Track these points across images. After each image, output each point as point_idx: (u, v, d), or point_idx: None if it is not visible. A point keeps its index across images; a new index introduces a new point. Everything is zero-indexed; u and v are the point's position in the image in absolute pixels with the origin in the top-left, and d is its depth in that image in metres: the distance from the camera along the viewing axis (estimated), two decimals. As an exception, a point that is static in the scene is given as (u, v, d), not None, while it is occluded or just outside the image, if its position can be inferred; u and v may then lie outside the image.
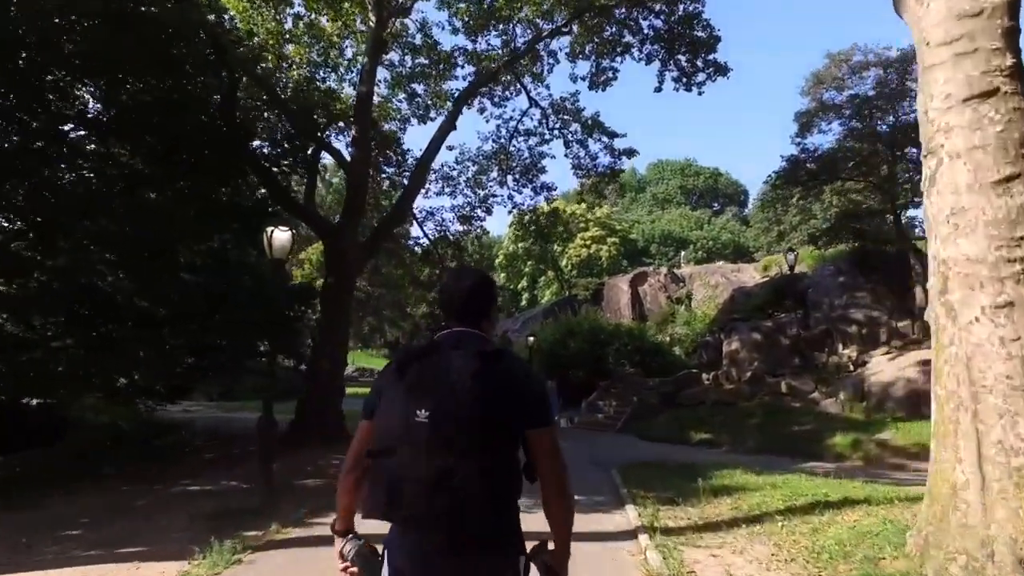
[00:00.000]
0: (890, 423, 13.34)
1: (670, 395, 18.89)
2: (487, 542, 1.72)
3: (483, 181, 23.24)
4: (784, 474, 9.76)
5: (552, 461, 1.83)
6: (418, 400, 1.68)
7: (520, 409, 1.78)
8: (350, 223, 14.85)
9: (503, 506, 1.75)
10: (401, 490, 1.66)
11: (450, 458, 1.64)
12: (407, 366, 1.78)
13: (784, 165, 21.89)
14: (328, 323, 14.13)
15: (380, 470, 1.71)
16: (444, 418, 1.66)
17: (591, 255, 46.49)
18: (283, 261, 7.82)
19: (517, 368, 1.86)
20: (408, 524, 1.72)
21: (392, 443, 1.69)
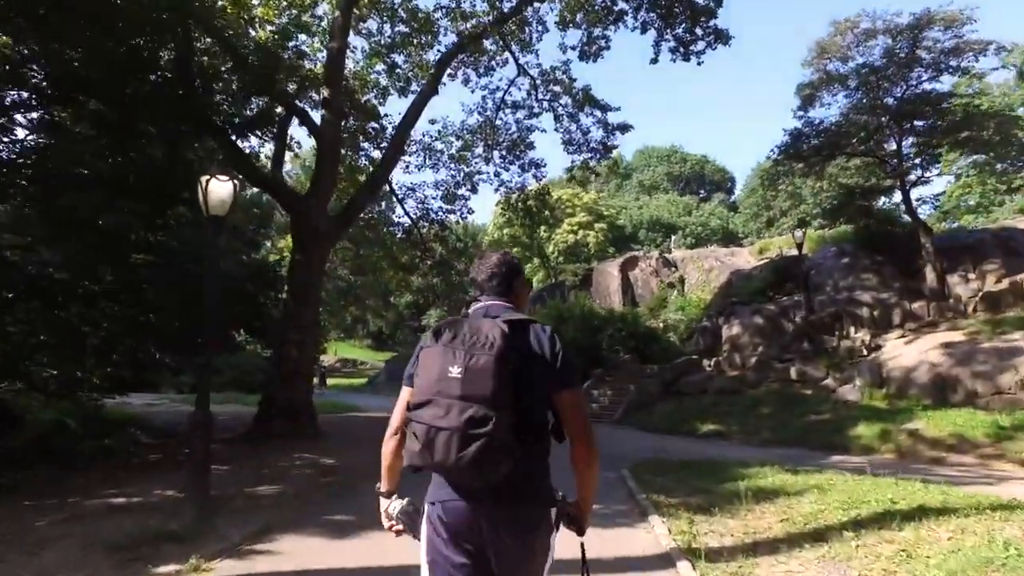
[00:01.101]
0: (917, 411, 12.03)
1: (670, 383, 17.52)
2: (519, 492, 1.89)
3: (468, 157, 21.71)
4: (819, 471, 8.40)
5: (580, 420, 1.98)
6: (452, 358, 1.83)
7: (548, 371, 1.95)
8: (320, 194, 13.21)
9: (533, 460, 1.94)
10: (435, 439, 1.78)
11: (480, 410, 1.76)
12: (443, 331, 1.92)
13: (786, 139, 20.50)
14: (296, 305, 12.51)
15: (416, 421, 1.84)
16: (475, 374, 1.79)
17: (578, 241, 45.02)
18: (222, 219, 6.21)
19: (544, 334, 2.01)
20: (439, 470, 1.88)
21: (428, 396, 1.83)
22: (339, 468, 9.00)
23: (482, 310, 2.10)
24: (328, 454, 10.32)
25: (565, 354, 2.01)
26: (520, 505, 1.90)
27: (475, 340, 1.85)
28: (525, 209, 21.87)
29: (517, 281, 2.23)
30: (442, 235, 20.37)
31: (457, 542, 1.93)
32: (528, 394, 1.88)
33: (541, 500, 1.96)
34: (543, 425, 1.98)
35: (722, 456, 10.56)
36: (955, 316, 15.93)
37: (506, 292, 2.17)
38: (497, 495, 1.85)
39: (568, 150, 20.80)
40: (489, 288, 2.17)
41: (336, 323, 69.10)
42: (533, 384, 1.90)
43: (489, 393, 1.78)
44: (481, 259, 2.28)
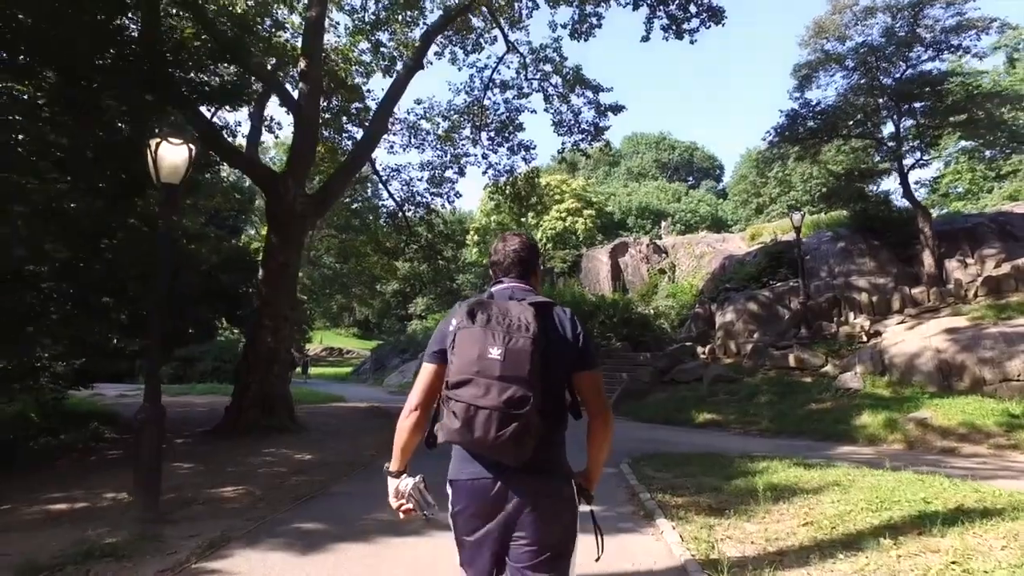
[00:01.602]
0: (923, 399, 11.50)
1: (663, 371, 16.92)
2: (543, 466, 1.96)
3: (455, 139, 20.90)
4: (831, 465, 7.80)
5: (599, 397, 2.10)
6: (492, 339, 1.87)
7: (571, 352, 2.03)
8: (297, 173, 12.37)
9: (555, 436, 2.03)
10: (475, 417, 1.83)
11: (518, 390, 1.82)
12: (476, 312, 1.95)
13: (783, 121, 19.85)
14: (270, 290, 11.71)
15: (455, 399, 1.87)
16: (514, 356, 1.85)
17: (567, 228, 44.31)
18: (176, 188, 5.42)
19: (565, 316, 2.08)
20: (477, 447, 1.90)
21: (468, 375, 1.86)
22: (314, 465, 8.27)
23: (507, 291, 2.14)
24: (304, 449, 9.58)
25: (586, 335, 2.09)
26: (543, 477, 1.98)
27: (509, 322, 1.91)
28: (514, 193, 21.11)
29: (536, 264, 2.30)
30: (428, 219, 19.56)
31: (482, 516, 1.97)
32: (552, 373, 1.95)
33: (560, 473, 2.06)
34: (563, 403, 2.07)
35: (724, 448, 9.94)
36: (956, 301, 15.43)
37: (527, 275, 2.24)
38: (523, 469, 1.91)
39: (559, 132, 20.06)
40: (512, 270, 2.23)
41: (322, 311, 68.18)
42: (557, 364, 1.98)
43: (527, 374, 1.84)
44: (504, 242, 2.30)
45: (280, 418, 11.30)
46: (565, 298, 21.98)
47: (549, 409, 1.94)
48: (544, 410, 1.89)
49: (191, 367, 27.86)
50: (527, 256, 2.26)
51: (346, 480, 7.30)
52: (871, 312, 16.13)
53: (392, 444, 2.12)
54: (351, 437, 11.34)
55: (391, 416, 15.46)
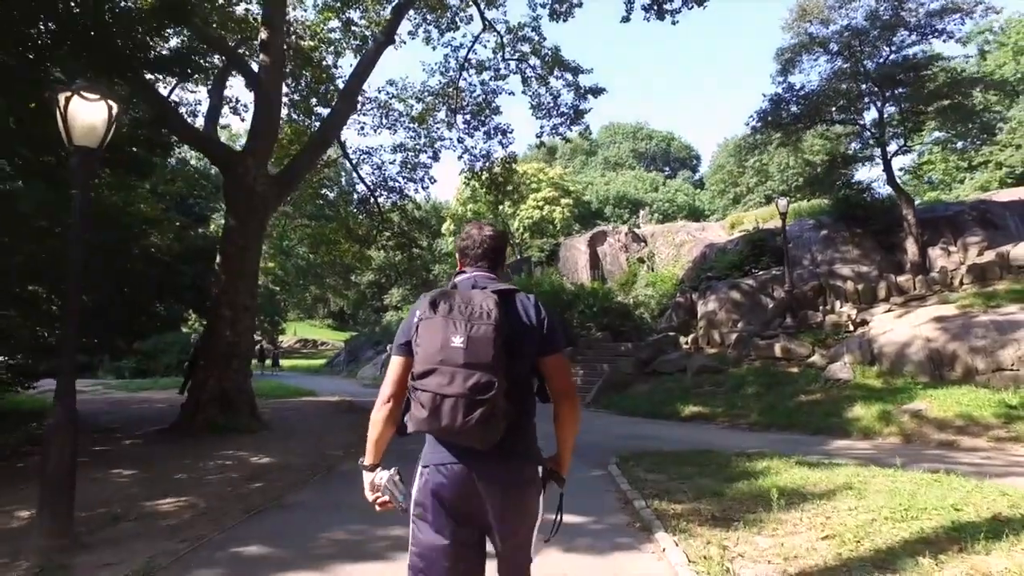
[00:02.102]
0: (916, 390, 11.04)
1: (646, 361, 16.33)
2: (513, 450, 1.98)
3: (428, 121, 20.00)
4: (833, 462, 7.23)
5: (566, 379, 2.14)
6: (454, 328, 1.89)
7: (535, 337, 2.05)
8: (258, 151, 11.44)
9: (524, 421, 2.05)
10: (440, 405, 1.84)
11: (483, 377, 1.84)
12: (438, 302, 1.96)
13: (766, 105, 19.33)
14: (229, 277, 10.79)
15: (421, 389, 1.88)
16: (476, 343, 1.87)
17: (544, 217, 43.58)
18: (93, 153, 4.55)
19: (528, 302, 2.11)
20: (445, 434, 1.92)
21: (432, 365, 1.88)
22: (272, 469, 7.45)
23: (470, 281, 2.17)
24: (264, 450, 8.74)
25: (550, 319, 2.12)
26: (513, 461, 2.01)
27: (471, 311, 1.93)
28: (491, 179, 20.29)
29: (503, 254, 2.34)
30: (400, 204, 18.67)
31: (450, 501, 1.98)
32: (518, 359, 1.99)
33: (531, 457, 2.11)
34: (530, 387, 2.11)
35: (715, 443, 9.35)
36: (942, 289, 15.07)
37: (495, 266, 2.26)
38: (493, 454, 1.93)
39: (537, 115, 19.32)
40: (480, 260, 2.24)
41: (295, 303, 66.69)
42: (522, 350, 2.01)
43: (490, 360, 1.87)
44: (479, 229, 2.31)
45: (240, 416, 10.43)
46: (543, 287, 21.31)
47: (516, 395, 1.97)
48: (511, 396, 1.92)
49: (155, 360, 26.62)
50: (500, 246, 2.29)
51: (305, 487, 6.50)
52: (857, 301, 15.72)
53: (365, 440, 2.13)
54: (317, 436, 10.52)
55: (362, 411, 14.62)
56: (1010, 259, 14.98)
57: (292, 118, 18.13)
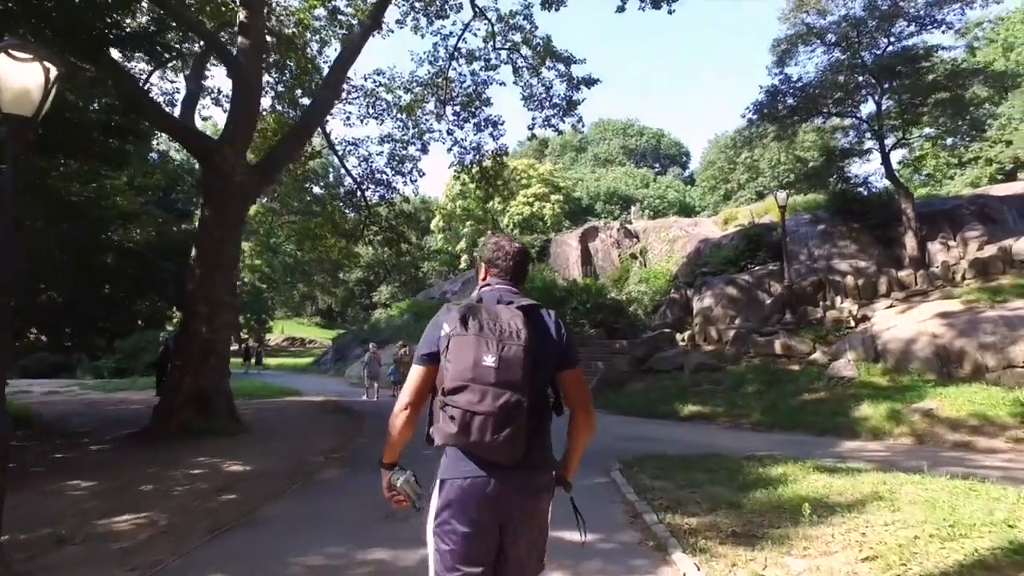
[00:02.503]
0: (926, 388, 10.60)
1: (641, 359, 15.82)
2: (532, 461, 2.04)
3: (416, 113, 19.36)
4: (852, 467, 6.72)
5: (583, 392, 2.21)
6: (486, 348, 1.94)
7: (557, 353, 2.12)
8: (237, 140, 10.77)
9: (542, 432, 2.10)
10: (471, 421, 1.91)
11: (513, 396, 1.91)
12: (468, 319, 2.01)
13: (762, 98, 18.86)
14: (205, 271, 10.13)
15: (452, 405, 1.94)
16: (508, 364, 1.93)
17: (533, 213, 43.03)
18: (28, 120, 3.92)
19: (550, 319, 2.18)
20: (474, 449, 1.96)
21: (463, 382, 1.93)
22: (248, 477, 6.83)
23: (495, 295, 2.20)
24: (241, 455, 8.12)
25: (570, 335, 2.22)
26: (534, 472, 2.06)
27: (501, 329, 1.98)
28: (481, 172, 19.66)
29: (527, 269, 2.38)
30: (388, 197, 18.01)
31: (468, 513, 2.01)
32: (540, 374, 2.04)
33: (546, 467, 2.14)
34: (547, 400, 2.15)
35: (718, 445, 8.84)
36: (944, 284, 14.68)
37: (519, 280, 2.30)
38: (514, 466, 1.98)
39: (529, 106, 18.71)
40: (507, 273, 2.27)
41: (283, 300, 65.74)
42: (544, 364, 2.07)
43: (520, 380, 1.93)
44: (509, 243, 2.34)
45: (218, 418, 9.78)
46: (535, 283, 20.75)
47: (536, 407, 2.02)
48: (531, 408, 1.97)
49: (135, 360, 25.78)
50: (527, 262, 2.34)
51: (282, 498, 5.89)
52: (857, 296, 15.29)
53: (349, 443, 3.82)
54: (300, 438, 9.90)
55: (348, 413, 14.01)
56: (1012, 253, 14.61)
57: (277, 109, 17.45)
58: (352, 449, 8.95)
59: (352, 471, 7.33)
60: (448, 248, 51.28)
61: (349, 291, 72.30)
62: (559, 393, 2.18)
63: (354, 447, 9.16)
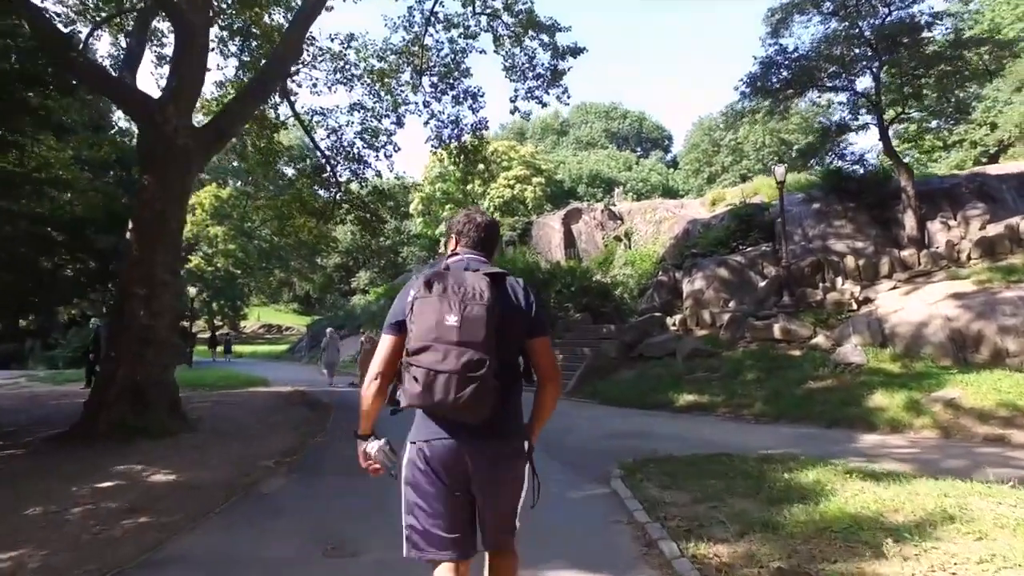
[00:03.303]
0: (943, 376, 9.67)
1: (631, 345, 14.77)
2: (502, 427, 2.08)
3: (391, 85, 17.99)
4: (896, 472, 5.69)
5: (550, 361, 2.24)
6: (448, 308, 1.96)
7: (524, 320, 2.15)
8: (180, 98, 9.40)
9: (512, 399, 2.13)
10: (435, 380, 1.92)
11: (475, 355, 1.92)
12: (433, 282, 2.03)
13: (756, 69, 17.77)
14: (143, 247, 8.80)
15: (415, 365, 1.95)
16: (470, 323, 1.94)
17: (515, 196, 41.81)
18: None
19: (519, 286, 2.21)
20: (438, 409, 1.98)
21: (427, 342, 1.95)
22: (173, 491, 5.61)
23: (462, 263, 2.22)
24: (174, 461, 6.88)
25: (538, 303, 2.23)
26: (502, 438, 2.10)
27: (465, 291, 1.99)
28: (460, 148, 18.36)
29: (496, 243, 2.43)
30: (360, 172, 16.66)
31: (439, 474, 2.06)
32: (507, 341, 2.06)
33: (518, 434, 2.18)
34: (517, 368, 2.19)
35: (722, 440, 7.82)
36: (949, 264, 13.80)
37: (487, 251, 2.33)
38: (483, 430, 2.01)
39: (511, 77, 17.40)
40: (475, 244, 2.30)
41: (257, 286, 63.85)
42: (511, 332, 2.09)
43: (482, 339, 1.93)
44: (477, 214, 2.39)
45: (157, 415, 8.50)
46: (517, 265, 19.60)
47: (505, 375, 2.04)
48: (501, 376, 1.99)
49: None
50: (495, 234, 2.38)
51: (205, 523, 4.69)
52: (858, 277, 14.37)
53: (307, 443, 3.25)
54: (254, 437, 8.68)
55: (314, 405, 12.77)
56: (1020, 232, 13.77)
57: (239, 76, 15.97)
58: (309, 450, 7.76)
59: (302, 479, 6.15)
60: (428, 232, 49.85)
61: (327, 277, 70.65)
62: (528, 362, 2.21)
63: (312, 447, 7.97)
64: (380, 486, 1.93)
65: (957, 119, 22.16)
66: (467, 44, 17.41)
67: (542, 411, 2.25)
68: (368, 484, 5.95)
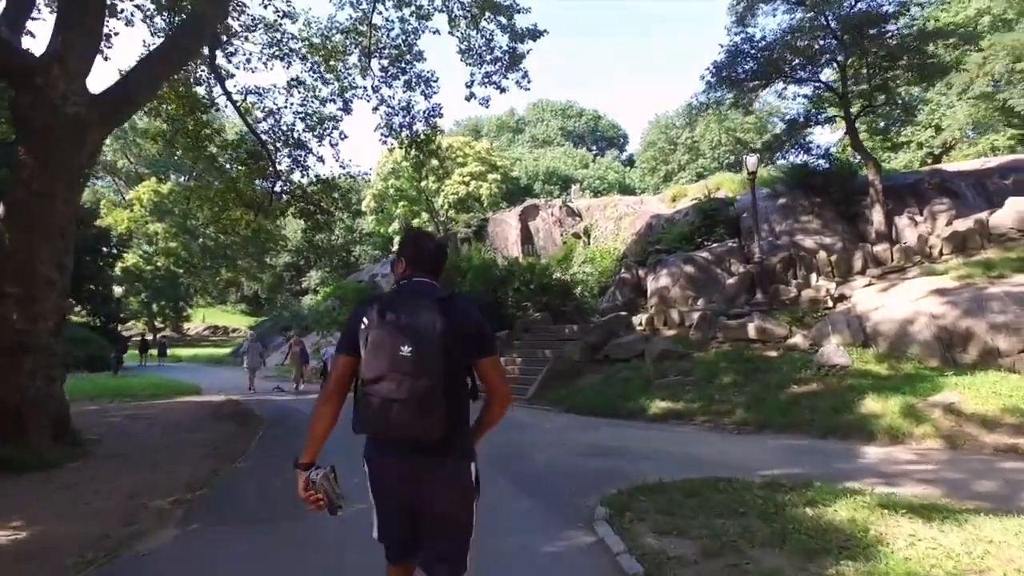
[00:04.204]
0: (935, 377, 8.86)
1: (595, 346, 13.65)
2: (451, 445, 2.06)
3: (338, 68, 16.48)
4: (948, 508, 4.68)
5: (500, 380, 2.23)
6: (402, 338, 1.97)
7: (475, 343, 2.12)
8: (68, 59, 7.75)
9: (462, 419, 2.14)
10: (390, 409, 1.95)
11: (427, 383, 1.94)
12: (386, 312, 2.05)
13: (723, 58, 16.94)
14: (18, 237, 7.15)
15: (371, 395, 1.98)
16: (422, 353, 1.95)
17: (470, 193, 40.39)
18: None
19: (469, 311, 2.17)
20: (392, 435, 2.03)
21: (382, 372, 1.96)
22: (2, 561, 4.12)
23: (414, 288, 2.21)
24: (35, 504, 5.33)
25: (484, 325, 2.19)
26: (450, 456, 2.09)
27: (418, 321, 2.00)
28: (412, 138, 16.93)
29: (444, 261, 2.42)
30: (302, 160, 15.07)
31: (393, 492, 2.10)
32: (456, 361, 2.05)
33: (465, 452, 2.16)
34: (465, 386, 2.15)
35: (715, 459, 6.72)
36: (921, 259, 13.20)
37: (437, 273, 2.32)
38: (431, 450, 2.02)
39: (467, 60, 16.08)
40: (425, 268, 2.28)
41: (201, 286, 60.61)
42: (461, 353, 2.07)
43: (435, 368, 1.95)
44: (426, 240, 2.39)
45: (33, 441, 6.89)
46: (472, 262, 18.27)
47: (453, 393, 2.03)
48: (450, 394, 2.00)
49: None
50: (443, 255, 2.38)
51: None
52: (831, 274, 13.64)
53: (220, 471, 2.71)
54: (159, 464, 7.14)
55: (244, 419, 11.21)
56: (990, 227, 13.27)
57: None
58: (223, 481, 6.30)
59: (200, 531, 4.71)
60: (381, 230, 47.97)
61: (277, 276, 67.65)
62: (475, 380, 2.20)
63: (228, 476, 6.51)
64: (312, 543, 1.09)
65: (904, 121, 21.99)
66: (420, 24, 16.07)
67: (485, 427, 2.26)
68: (295, 536, 4.53)
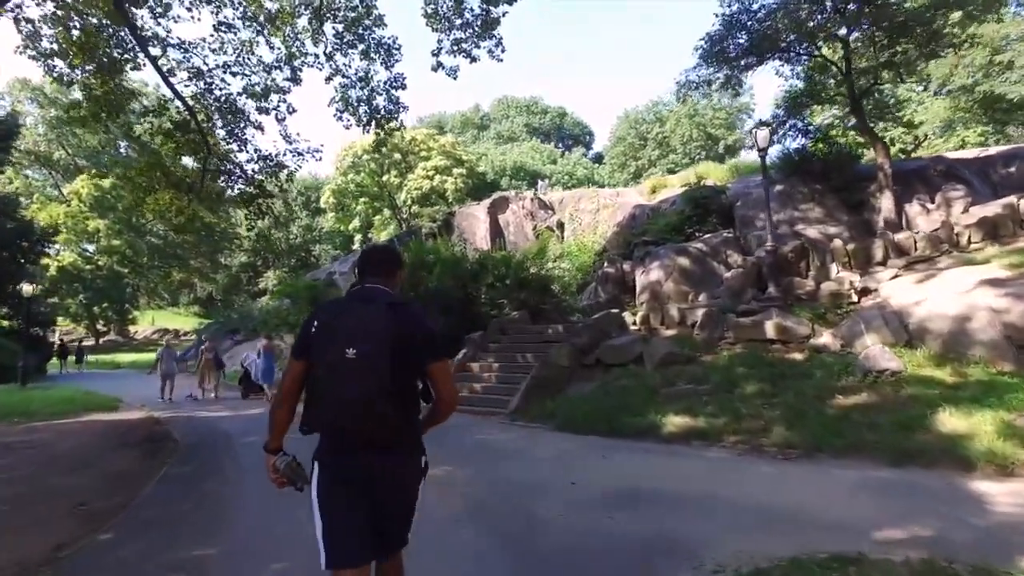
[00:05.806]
0: (1021, 386, 7.10)
1: (585, 350, 11.60)
2: (399, 446, 2.23)
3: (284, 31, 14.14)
4: None
5: (448, 383, 2.36)
6: (348, 341, 2.08)
7: (422, 347, 2.23)
8: None
9: (410, 419, 2.27)
10: (337, 408, 2.08)
11: (373, 384, 2.05)
12: (335, 314, 2.21)
13: (718, 28, 15.15)
14: None
15: (320, 394, 2.12)
16: (367, 355, 2.06)
17: (434, 188, 38.08)
18: None
19: (417, 315, 2.29)
20: (339, 434, 2.17)
21: (330, 374, 2.09)
22: None
23: (363, 293, 2.33)
24: None
25: (433, 330, 2.30)
26: (401, 455, 2.24)
27: (366, 323, 2.13)
28: (370, 114, 14.64)
29: (397, 270, 2.53)
30: (239, 131, 12.63)
31: (345, 487, 2.18)
32: (405, 365, 2.16)
33: (414, 449, 2.31)
34: (415, 389, 2.29)
35: (789, 506, 4.75)
36: (950, 248, 11.62)
37: (388, 278, 2.43)
38: (381, 447, 2.16)
39: (434, 25, 13.88)
40: (373, 273, 2.42)
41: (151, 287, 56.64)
42: (408, 357, 2.17)
43: (381, 368, 2.06)
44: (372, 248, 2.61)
45: None
46: (440, 255, 16.05)
47: (404, 396, 2.18)
48: (399, 397, 2.13)
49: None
50: (389, 259, 2.50)
51: None
52: (849, 265, 11.93)
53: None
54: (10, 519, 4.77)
55: (156, 446, 8.78)
56: (1022, 212, 11.77)
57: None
58: (80, 560, 4.00)
59: None
60: (341, 228, 45.20)
61: (233, 277, 63.81)
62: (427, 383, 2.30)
63: (89, 551, 4.21)
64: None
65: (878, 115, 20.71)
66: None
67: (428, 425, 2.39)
68: None
